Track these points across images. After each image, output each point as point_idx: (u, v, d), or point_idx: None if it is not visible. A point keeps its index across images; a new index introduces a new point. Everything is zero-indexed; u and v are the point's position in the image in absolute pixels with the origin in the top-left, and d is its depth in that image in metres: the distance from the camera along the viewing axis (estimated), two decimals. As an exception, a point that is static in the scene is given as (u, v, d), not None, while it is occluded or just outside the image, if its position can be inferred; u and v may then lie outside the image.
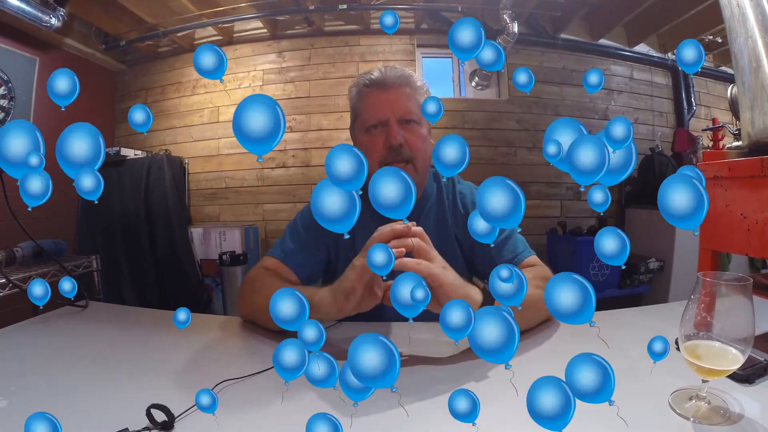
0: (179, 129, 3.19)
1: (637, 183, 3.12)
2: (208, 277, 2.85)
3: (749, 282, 0.48)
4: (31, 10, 2.25)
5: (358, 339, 0.38)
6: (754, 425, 0.48)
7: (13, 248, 1.37)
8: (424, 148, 0.91)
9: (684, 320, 0.51)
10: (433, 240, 0.96)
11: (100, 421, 0.52)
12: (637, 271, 2.75)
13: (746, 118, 1.09)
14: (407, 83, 0.91)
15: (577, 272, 0.36)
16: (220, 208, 3.17)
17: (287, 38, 3.13)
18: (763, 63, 1.04)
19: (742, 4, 1.07)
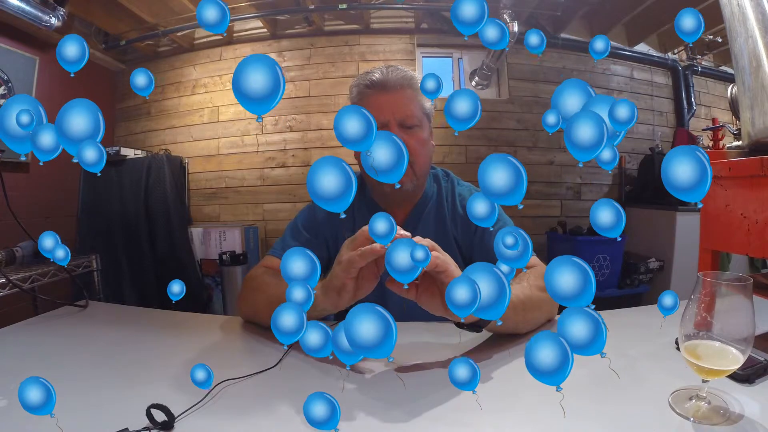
0: (179, 129, 3.19)
1: (637, 183, 3.12)
2: (208, 276, 2.85)
3: (749, 282, 0.48)
4: (30, 10, 2.25)
5: (355, 309, 0.38)
6: (754, 425, 0.48)
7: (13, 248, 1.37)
8: (424, 151, 0.91)
9: (684, 320, 0.51)
10: (433, 240, 0.96)
11: (100, 421, 0.52)
12: (637, 271, 2.75)
13: (746, 118, 1.09)
14: (409, 85, 0.90)
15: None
16: (220, 207, 3.17)
17: (287, 38, 3.12)
18: (763, 63, 1.04)
19: (742, 4, 1.07)
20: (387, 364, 0.67)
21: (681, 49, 3.31)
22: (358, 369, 0.66)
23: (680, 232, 2.63)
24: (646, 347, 0.70)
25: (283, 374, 0.65)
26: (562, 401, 0.55)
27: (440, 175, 1.03)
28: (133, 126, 3.27)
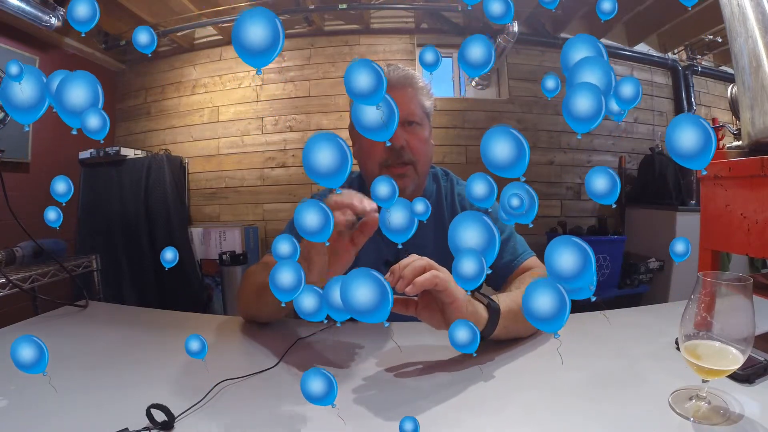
0: (179, 129, 3.19)
1: (637, 183, 3.12)
2: (208, 276, 2.85)
3: (749, 282, 0.48)
4: (30, 10, 2.25)
5: (350, 274, 0.38)
6: (754, 425, 0.48)
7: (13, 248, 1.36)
8: (425, 150, 0.91)
9: (684, 320, 0.51)
10: (433, 242, 0.96)
11: (100, 421, 0.52)
12: (637, 271, 2.75)
13: (746, 118, 1.09)
14: (410, 84, 0.90)
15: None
16: (220, 207, 3.17)
17: (287, 38, 3.11)
18: (763, 63, 1.03)
19: (742, 4, 1.07)
20: (385, 368, 0.67)
21: (681, 49, 3.30)
22: (359, 369, 0.66)
23: (680, 232, 2.63)
24: (646, 347, 0.70)
25: (282, 374, 0.65)
26: (561, 400, 0.55)
27: (440, 174, 1.03)
28: (133, 126, 3.27)
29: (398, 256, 0.91)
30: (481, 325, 0.66)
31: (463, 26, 3.01)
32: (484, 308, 0.67)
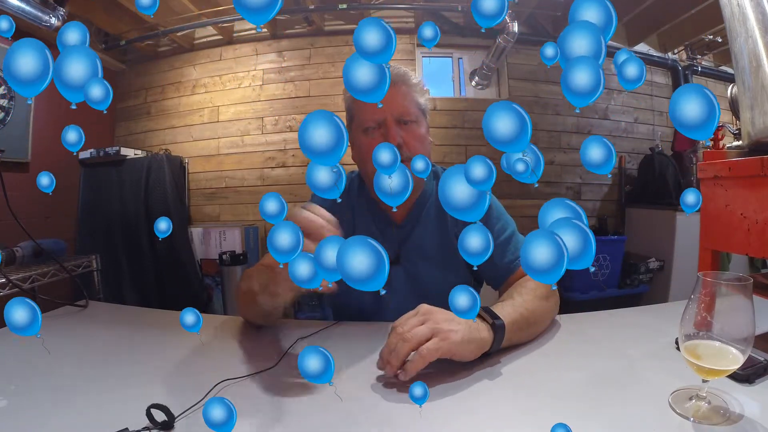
0: (179, 129, 3.19)
1: (637, 183, 3.12)
2: (208, 276, 2.85)
3: (749, 282, 0.48)
4: (31, 10, 2.25)
5: (347, 241, 0.38)
6: (754, 425, 0.48)
7: (13, 248, 1.36)
8: (422, 147, 0.91)
9: (684, 320, 0.51)
10: (433, 239, 0.96)
11: (100, 421, 0.52)
12: (637, 270, 2.75)
13: (746, 118, 1.09)
14: (403, 81, 0.90)
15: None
16: (220, 207, 3.17)
17: (287, 38, 3.12)
18: (763, 63, 1.03)
19: (742, 4, 1.07)
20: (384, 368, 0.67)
21: (681, 49, 3.30)
22: (358, 368, 0.66)
23: (680, 232, 2.63)
24: (646, 347, 0.70)
25: (282, 374, 0.65)
26: (561, 400, 0.55)
27: (439, 172, 1.03)
28: (133, 126, 3.27)
29: (378, 301, 0.92)
30: (487, 347, 0.66)
31: (463, 26, 3.01)
32: (488, 330, 0.67)
